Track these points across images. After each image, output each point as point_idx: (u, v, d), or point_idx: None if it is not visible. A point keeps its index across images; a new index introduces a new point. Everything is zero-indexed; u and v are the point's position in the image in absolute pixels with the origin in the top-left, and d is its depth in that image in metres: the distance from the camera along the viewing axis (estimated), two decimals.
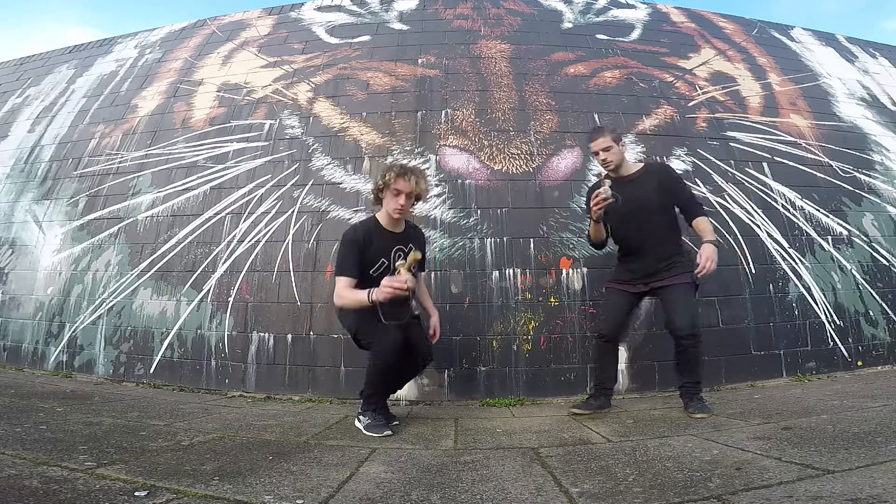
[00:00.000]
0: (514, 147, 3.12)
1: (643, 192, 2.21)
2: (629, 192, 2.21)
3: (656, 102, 3.47)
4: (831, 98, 3.96)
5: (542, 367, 2.70)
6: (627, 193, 2.21)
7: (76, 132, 4.04)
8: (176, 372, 2.97)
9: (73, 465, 1.38)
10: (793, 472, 1.26)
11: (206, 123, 3.62)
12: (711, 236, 2.13)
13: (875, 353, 3.03)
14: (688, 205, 2.24)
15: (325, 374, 2.75)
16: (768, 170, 3.34)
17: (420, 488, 1.30)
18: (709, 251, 2.08)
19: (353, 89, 3.50)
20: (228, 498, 1.20)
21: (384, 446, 1.75)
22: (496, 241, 2.89)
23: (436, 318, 2.27)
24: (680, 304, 2.13)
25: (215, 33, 4.33)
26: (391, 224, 2.14)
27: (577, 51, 3.69)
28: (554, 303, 2.79)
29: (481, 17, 3.90)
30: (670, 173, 2.35)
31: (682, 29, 4.17)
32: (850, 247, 3.25)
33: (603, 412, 2.24)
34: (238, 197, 3.21)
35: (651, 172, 2.29)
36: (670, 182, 2.26)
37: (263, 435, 1.88)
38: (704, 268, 2.06)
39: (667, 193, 2.22)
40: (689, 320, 2.10)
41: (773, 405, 2.19)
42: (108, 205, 3.52)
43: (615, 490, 1.24)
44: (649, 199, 2.20)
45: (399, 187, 2.04)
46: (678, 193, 2.25)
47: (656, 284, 2.19)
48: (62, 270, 3.45)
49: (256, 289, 2.97)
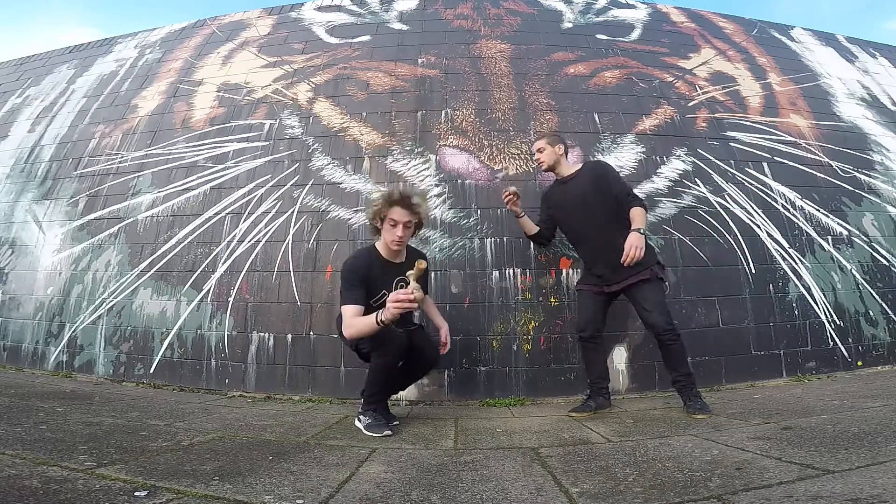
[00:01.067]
0: (514, 147, 3.12)
1: (579, 190, 2.31)
2: (567, 191, 2.36)
3: (656, 102, 3.48)
4: (831, 98, 3.96)
5: (542, 367, 2.70)
6: (566, 193, 2.36)
7: (76, 132, 4.04)
8: (176, 372, 2.97)
9: (73, 465, 1.38)
10: (793, 472, 1.26)
11: (206, 123, 3.62)
12: (639, 224, 2.14)
13: (875, 353, 3.03)
14: (621, 196, 2.25)
15: (325, 374, 2.75)
16: (768, 170, 3.34)
17: (420, 488, 1.30)
18: (632, 238, 2.10)
19: (353, 89, 3.50)
20: (228, 498, 1.20)
21: (384, 446, 1.75)
22: (496, 241, 2.89)
23: (446, 330, 2.22)
24: (649, 301, 2.14)
25: (215, 33, 4.33)
26: (391, 255, 2.07)
27: (577, 51, 3.69)
28: (554, 303, 2.79)
29: (481, 17, 3.90)
30: (603, 168, 2.38)
31: (682, 29, 4.17)
32: (850, 247, 3.25)
33: (603, 412, 2.24)
34: (238, 197, 3.21)
35: (586, 170, 2.37)
36: (603, 176, 2.30)
37: (263, 435, 1.88)
38: (628, 255, 2.07)
39: (601, 188, 2.27)
40: (662, 316, 2.11)
41: (773, 405, 2.19)
42: (108, 205, 3.52)
43: (615, 490, 1.24)
44: (585, 196, 2.28)
45: (395, 217, 1.97)
46: (611, 186, 2.27)
47: (623, 285, 2.22)
48: (62, 270, 3.45)
49: (256, 289, 2.97)
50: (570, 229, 2.45)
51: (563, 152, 2.43)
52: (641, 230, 2.14)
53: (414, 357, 2.06)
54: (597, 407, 2.25)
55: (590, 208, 2.28)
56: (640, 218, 2.17)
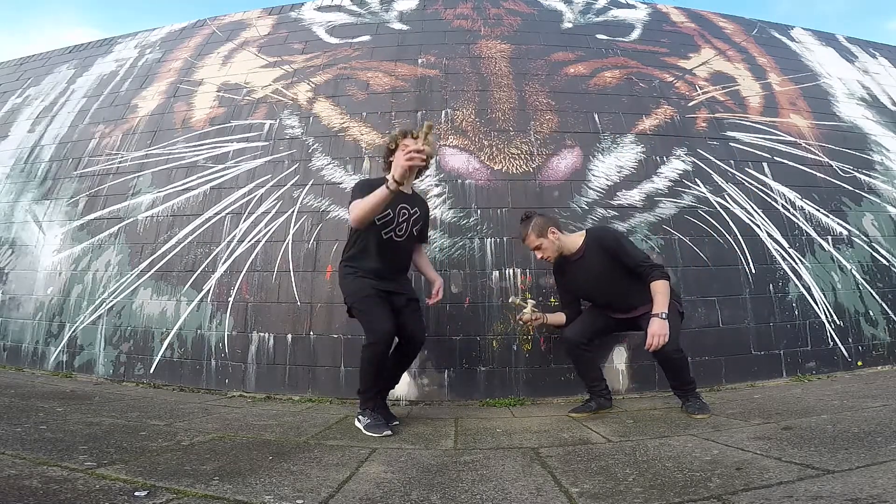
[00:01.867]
0: (514, 147, 3.12)
1: (593, 270, 2.23)
2: (578, 271, 2.29)
3: (656, 102, 3.48)
4: (831, 98, 3.96)
5: (542, 367, 2.70)
6: (577, 273, 2.30)
7: (76, 132, 4.04)
8: (176, 372, 2.97)
9: (73, 465, 1.38)
10: (793, 472, 1.26)
11: (206, 123, 3.62)
12: (660, 308, 2.03)
13: (875, 353, 3.03)
14: (637, 270, 2.14)
15: (325, 374, 2.75)
16: (768, 170, 3.34)
17: (420, 488, 1.30)
18: (655, 327, 1.99)
19: (353, 89, 3.50)
20: (228, 498, 1.20)
21: (384, 446, 1.75)
22: (496, 241, 2.89)
23: (440, 284, 2.29)
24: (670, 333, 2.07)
25: (215, 33, 4.33)
26: None
27: (577, 51, 3.69)
28: (554, 303, 2.79)
29: (481, 17, 3.90)
30: (609, 244, 2.21)
31: (682, 29, 4.17)
32: (850, 247, 3.25)
33: (603, 412, 2.24)
34: (238, 197, 3.21)
35: (592, 247, 2.24)
36: (613, 252, 2.19)
37: (263, 435, 1.88)
38: (651, 345, 2.00)
39: (612, 263, 2.19)
40: (673, 343, 2.04)
41: (773, 405, 2.19)
42: (108, 205, 3.52)
43: (615, 490, 1.24)
44: (598, 274, 2.22)
45: (407, 143, 2.05)
46: (623, 260, 2.18)
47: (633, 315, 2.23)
48: (62, 270, 3.45)
49: (256, 289, 2.97)
50: (587, 297, 2.40)
51: (558, 235, 2.28)
52: (663, 315, 2.01)
53: (402, 339, 2.10)
54: (597, 407, 2.24)
55: (605, 285, 2.23)
56: (661, 299, 2.04)
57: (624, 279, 2.19)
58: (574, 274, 2.32)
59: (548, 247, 2.26)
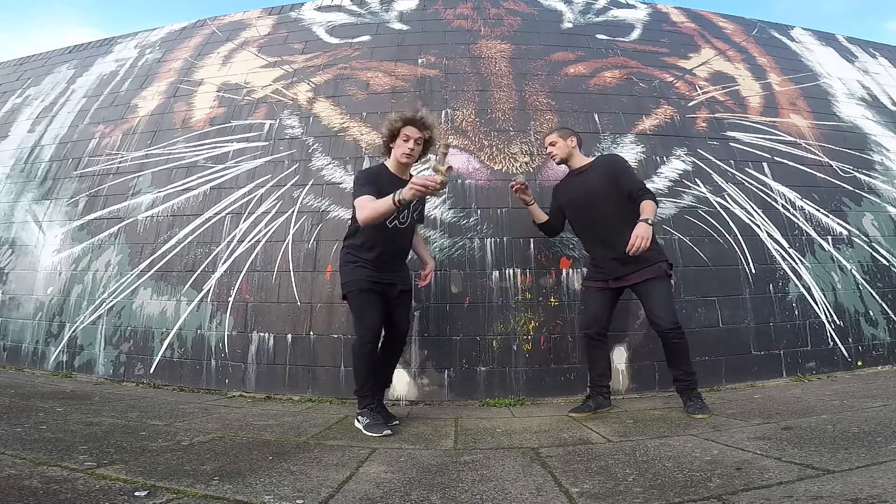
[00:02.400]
0: (515, 147, 3.11)
1: (591, 184, 2.30)
2: (578, 183, 2.36)
3: (656, 102, 3.48)
4: (831, 98, 3.96)
5: (542, 367, 2.70)
6: (575, 185, 2.36)
7: (76, 132, 4.04)
8: (176, 372, 2.97)
9: (73, 465, 1.38)
10: (793, 472, 1.26)
11: (206, 123, 3.62)
12: (647, 215, 2.10)
13: (875, 353, 3.03)
14: (632, 190, 2.21)
15: (325, 374, 2.75)
16: (768, 170, 3.34)
17: (420, 488, 1.30)
18: (639, 229, 2.05)
19: (353, 89, 3.50)
20: (228, 498, 1.20)
21: (384, 446, 1.75)
22: (496, 241, 2.89)
23: (431, 267, 2.40)
24: (657, 299, 2.14)
25: (215, 33, 4.33)
26: (399, 170, 2.19)
27: (577, 51, 3.69)
28: (554, 303, 2.79)
29: (481, 17, 3.90)
30: (616, 163, 2.34)
31: (682, 29, 4.17)
32: (850, 247, 3.25)
33: (603, 412, 2.24)
34: (238, 197, 3.21)
35: (598, 164, 2.37)
36: (614, 169, 2.28)
37: (263, 435, 1.88)
38: (633, 246, 2.03)
39: (611, 182, 2.24)
40: (668, 315, 2.11)
41: (773, 405, 2.19)
42: (108, 205, 3.52)
43: (615, 490, 1.24)
44: (596, 190, 2.27)
45: (408, 133, 2.11)
46: (621, 179, 2.24)
47: (630, 282, 2.21)
48: (62, 270, 3.45)
49: (256, 289, 2.97)
50: (578, 222, 2.42)
51: (575, 145, 2.41)
52: (650, 221, 2.08)
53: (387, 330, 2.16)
54: (596, 407, 2.25)
55: (600, 202, 2.26)
56: (649, 209, 2.12)
57: (615, 203, 2.23)
58: (571, 186, 2.41)
59: (561, 148, 2.38)
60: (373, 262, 2.08)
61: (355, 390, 2.06)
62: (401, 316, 2.20)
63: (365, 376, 2.03)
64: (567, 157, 2.40)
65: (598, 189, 2.26)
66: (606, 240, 2.25)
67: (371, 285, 2.05)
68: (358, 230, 2.09)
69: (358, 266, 2.08)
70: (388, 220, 2.06)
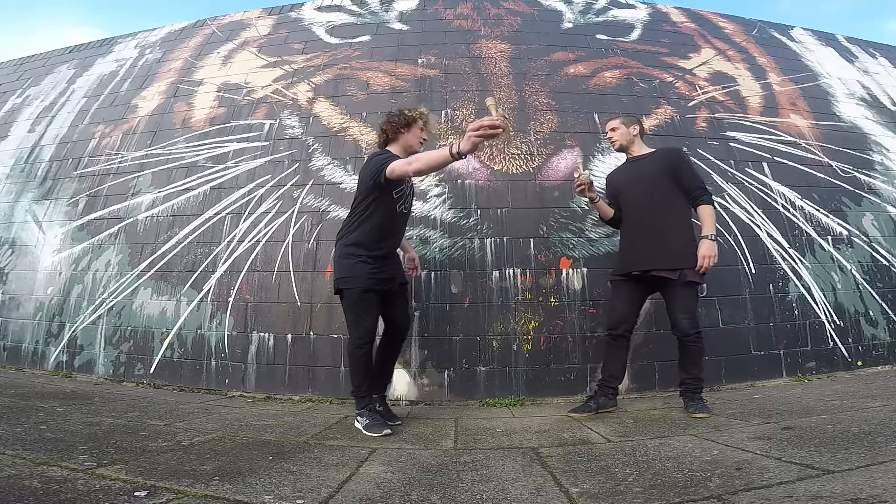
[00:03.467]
0: (514, 147, 3.11)
1: (646, 171, 2.26)
2: (634, 170, 2.32)
3: (656, 102, 3.48)
4: (831, 98, 3.96)
5: (542, 367, 2.70)
6: (632, 170, 2.33)
7: (76, 132, 4.04)
8: (176, 372, 2.97)
9: (73, 465, 1.38)
10: (793, 472, 1.26)
11: (206, 123, 3.62)
12: (709, 230, 2.09)
13: (875, 353, 3.03)
14: (690, 187, 2.18)
15: (325, 374, 2.75)
16: (768, 170, 3.34)
17: (420, 488, 1.30)
18: (705, 248, 2.07)
19: (353, 89, 3.50)
20: (228, 498, 1.20)
21: (384, 446, 1.75)
22: (496, 241, 2.89)
23: (414, 255, 2.45)
24: (680, 305, 2.12)
25: (215, 33, 4.33)
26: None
27: (577, 51, 3.69)
28: (554, 303, 2.79)
29: (481, 17, 3.90)
30: (678, 156, 2.27)
31: (682, 29, 4.17)
32: (850, 247, 3.25)
33: (603, 412, 2.24)
34: (238, 197, 3.21)
35: (659, 154, 2.32)
36: (676, 163, 2.23)
37: (263, 435, 1.88)
38: (702, 266, 2.05)
39: (669, 172, 2.20)
40: (690, 321, 2.11)
41: (773, 405, 2.19)
42: (108, 205, 3.52)
43: (615, 490, 1.24)
44: (651, 177, 2.23)
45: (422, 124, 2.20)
46: (680, 175, 2.20)
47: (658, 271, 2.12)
48: (62, 270, 3.45)
49: (256, 289, 2.97)
50: (625, 207, 2.35)
51: (637, 132, 2.36)
52: (711, 237, 2.06)
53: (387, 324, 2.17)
54: (598, 407, 2.23)
55: (650, 189, 2.21)
56: (710, 222, 2.10)
57: (668, 196, 2.19)
58: (626, 173, 2.37)
59: (623, 134, 2.35)
60: (375, 257, 2.05)
61: (352, 391, 2.05)
62: (400, 311, 2.20)
63: (361, 378, 2.02)
64: (627, 145, 2.36)
65: (655, 177, 2.22)
66: (646, 225, 2.20)
67: (373, 284, 2.02)
68: (366, 219, 2.05)
69: (361, 261, 2.03)
70: (398, 204, 2.08)
